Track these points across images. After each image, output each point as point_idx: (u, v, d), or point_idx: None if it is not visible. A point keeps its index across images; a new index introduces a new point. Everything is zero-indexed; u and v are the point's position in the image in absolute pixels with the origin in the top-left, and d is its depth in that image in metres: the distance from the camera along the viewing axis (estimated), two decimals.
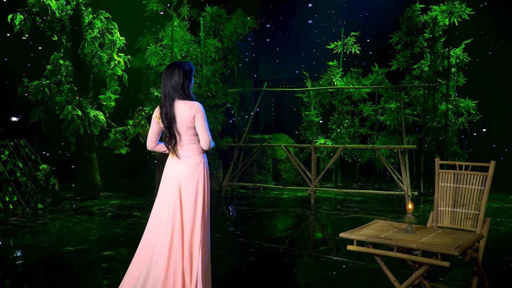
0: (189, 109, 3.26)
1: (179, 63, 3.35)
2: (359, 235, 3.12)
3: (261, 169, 9.43)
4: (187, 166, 3.31)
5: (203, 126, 3.29)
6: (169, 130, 3.30)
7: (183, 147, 3.33)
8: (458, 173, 3.81)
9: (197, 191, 3.30)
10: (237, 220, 6.99)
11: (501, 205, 7.70)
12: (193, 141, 3.33)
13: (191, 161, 3.32)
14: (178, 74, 3.29)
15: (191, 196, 3.28)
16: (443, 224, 3.81)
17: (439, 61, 8.79)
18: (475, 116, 8.58)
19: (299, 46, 12.24)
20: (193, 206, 3.27)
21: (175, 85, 3.28)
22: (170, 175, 3.34)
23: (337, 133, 9.50)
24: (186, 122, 3.27)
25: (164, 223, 3.23)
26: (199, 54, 8.75)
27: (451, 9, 8.44)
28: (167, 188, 3.32)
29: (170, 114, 3.26)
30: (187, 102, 3.27)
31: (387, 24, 9.50)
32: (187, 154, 3.33)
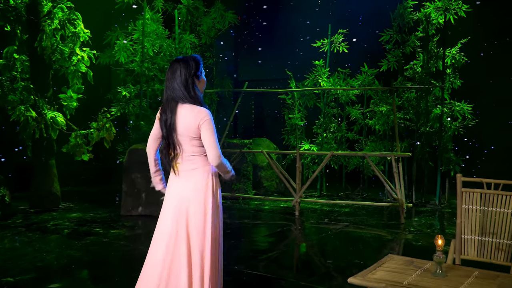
0: (193, 117, 2.73)
1: (182, 58, 2.82)
2: (374, 281, 2.35)
3: (241, 177, 8.65)
4: (193, 182, 2.81)
5: (210, 138, 2.75)
6: (167, 140, 2.81)
7: (186, 160, 2.83)
8: (486, 193, 3.11)
9: (206, 212, 2.78)
10: None
11: None
12: (198, 152, 2.83)
13: (198, 175, 2.82)
14: (180, 71, 2.76)
15: (200, 220, 2.77)
16: (469, 256, 3.09)
17: (433, 61, 8.16)
18: (471, 120, 7.97)
19: (281, 45, 11.52)
20: (202, 232, 2.77)
21: (177, 86, 2.76)
22: (174, 194, 2.84)
23: (323, 138, 8.78)
24: (189, 132, 2.76)
25: (169, 254, 2.76)
26: (173, 50, 7.93)
27: (447, 6, 7.81)
28: (170, 211, 2.82)
29: (170, 122, 2.76)
30: (193, 108, 2.76)
31: (377, 21, 8.84)
32: (192, 167, 2.82)
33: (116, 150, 7.96)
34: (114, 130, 6.81)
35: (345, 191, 9.01)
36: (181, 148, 2.82)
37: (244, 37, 12.48)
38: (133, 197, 7.03)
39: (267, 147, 9.14)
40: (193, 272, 2.74)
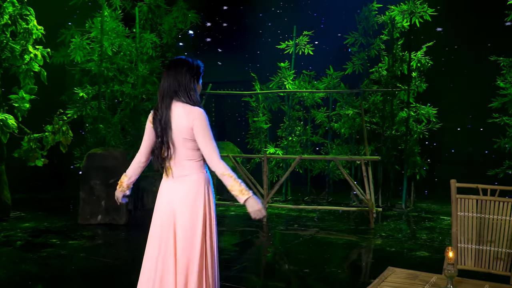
0: (185, 115, 2.60)
1: (184, 58, 2.71)
2: None
3: None
4: (184, 189, 2.65)
5: (206, 139, 2.59)
6: (161, 139, 2.64)
7: (178, 164, 2.66)
8: (482, 200, 2.97)
9: (195, 223, 2.62)
10: None
11: None
12: (192, 157, 2.66)
13: (190, 181, 2.66)
14: (181, 72, 2.66)
15: (187, 232, 2.61)
16: (466, 266, 2.94)
17: (398, 64, 8.15)
18: (435, 124, 7.99)
19: (243, 46, 11.28)
20: (190, 244, 2.60)
21: (177, 85, 2.64)
22: (163, 201, 2.69)
23: (288, 141, 8.60)
24: (182, 132, 2.61)
25: (157, 267, 2.62)
26: (133, 50, 7.53)
27: (413, 9, 7.81)
28: (158, 220, 2.69)
29: (165, 118, 2.61)
30: (186, 107, 2.61)
31: (342, 24, 8.76)
32: (184, 173, 2.66)
33: (71, 155, 7.48)
34: (72, 134, 6.36)
35: (310, 196, 8.86)
36: (175, 149, 2.65)
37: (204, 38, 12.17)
38: (92, 205, 6.60)
39: (230, 151, 8.86)
40: (178, 284, 2.59)
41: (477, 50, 8.26)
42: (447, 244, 5.72)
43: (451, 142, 8.94)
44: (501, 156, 7.74)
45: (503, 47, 7.57)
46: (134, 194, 7.27)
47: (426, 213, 7.61)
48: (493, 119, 7.49)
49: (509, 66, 7.35)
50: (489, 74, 7.66)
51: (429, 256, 5.23)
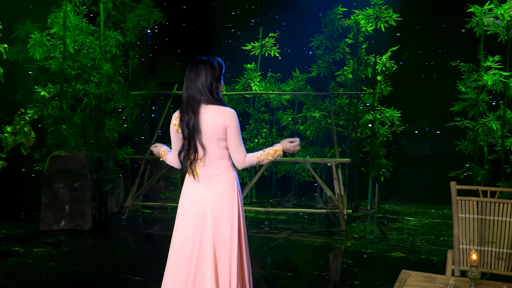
0: (221, 117, 2.64)
1: (207, 59, 2.73)
2: None
3: (169, 185, 8.13)
4: (219, 189, 2.68)
5: (238, 139, 2.68)
6: (189, 142, 2.66)
7: (208, 164, 2.69)
8: (482, 201, 3.01)
9: (233, 221, 2.66)
10: (149, 261, 5.66)
11: (430, 221, 7.29)
12: (223, 156, 2.71)
13: (223, 181, 2.69)
14: (205, 73, 2.67)
15: (227, 231, 2.65)
16: (468, 268, 2.97)
17: (363, 68, 8.27)
18: (399, 127, 8.17)
19: (202, 47, 11.11)
20: (229, 243, 2.63)
21: (201, 87, 2.66)
22: (194, 202, 2.69)
23: (254, 143, 8.54)
24: (217, 133, 2.64)
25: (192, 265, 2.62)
26: (97, 47, 7.23)
27: (378, 14, 7.95)
28: (189, 221, 2.67)
29: (193, 123, 2.63)
30: (218, 108, 2.66)
31: (308, 27, 8.80)
32: (216, 173, 2.70)
33: (30, 157, 7.07)
34: (34, 135, 6.01)
35: (276, 198, 8.84)
36: (205, 151, 2.68)
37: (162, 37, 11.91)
38: (55, 210, 6.27)
39: None
40: (220, 284, 2.61)
41: (439, 55, 8.52)
42: (419, 245, 5.84)
43: (412, 144, 9.16)
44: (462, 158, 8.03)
45: (463, 52, 7.84)
46: (97, 199, 6.99)
47: (391, 214, 7.76)
48: (455, 122, 7.74)
49: (468, 71, 7.62)
50: (450, 78, 7.92)
51: (405, 257, 5.31)
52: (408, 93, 8.53)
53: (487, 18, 7.42)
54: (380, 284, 4.37)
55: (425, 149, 9.16)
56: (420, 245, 5.82)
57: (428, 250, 5.58)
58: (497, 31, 7.23)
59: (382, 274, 4.72)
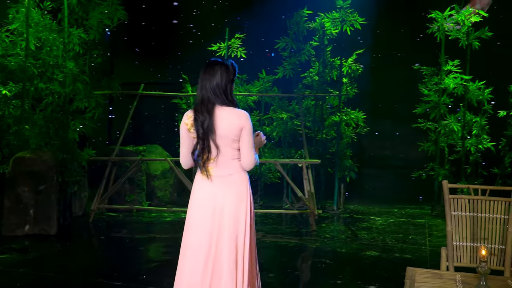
0: (236, 119, 2.70)
1: (222, 61, 2.78)
2: None
3: (134, 187, 7.94)
4: (233, 188, 2.74)
5: (250, 141, 2.74)
6: (203, 142, 2.70)
7: (221, 164, 2.74)
8: (474, 199, 3.11)
9: (246, 219, 2.73)
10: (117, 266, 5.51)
11: (395, 220, 7.48)
12: (236, 156, 2.77)
13: (236, 180, 2.76)
14: (220, 74, 2.73)
15: (241, 227, 2.72)
16: (462, 263, 3.07)
17: (328, 70, 8.39)
18: (363, 128, 8.33)
19: (162, 47, 10.94)
20: (243, 240, 2.71)
21: (216, 88, 2.71)
22: (208, 201, 2.72)
23: None
24: (232, 134, 2.70)
25: (209, 262, 2.66)
26: (61, 45, 6.97)
27: (344, 17, 8.09)
28: (205, 220, 2.71)
29: (208, 123, 2.66)
30: (234, 110, 2.73)
31: (274, 28, 8.84)
32: (229, 172, 2.75)
33: None
34: None
35: None
36: (219, 151, 2.72)
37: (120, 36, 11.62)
38: (18, 214, 5.98)
39: (159, 154, 8.55)
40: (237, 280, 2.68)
41: (403, 58, 8.77)
42: (390, 244, 5.97)
43: (375, 145, 9.37)
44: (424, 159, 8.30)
45: (426, 56, 8.11)
46: (61, 202, 6.72)
47: (357, 214, 7.90)
48: (417, 124, 8.00)
49: (430, 75, 7.90)
50: (413, 81, 8.18)
51: (379, 255, 5.42)
52: (372, 95, 8.72)
53: (448, 23, 7.71)
54: (361, 283, 4.43)
55: (387, 150, 9.39)
56: (392, 244, 5.96)
57: (400, 249, 5.71)
58: (458, 36, 7.52)
59: (361, 273, 4.78)
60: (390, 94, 8.92)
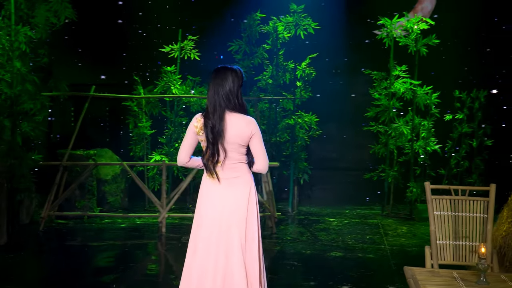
0: (245, 125, 2.83)
1: (230, 67, 2.92)
2: None
3: (85, 193, 7.62)
4: (237, 191, 2.87)
5: (262, 146, 2.89)
6: (213, 146, 2.81)
7: (228, 167, 2.87)
8: (455, 199, 3.25)
9: (253, 219, 2.89)
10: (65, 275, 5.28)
11: (349, 220, 7.66)
12: (242, 160, 2.91)
13: (243, 182, 2.89)
14: (232, 80, 2.86)
15: (249, 229, 2.85)
16: (445, 261, 3.19)
17: (281, 74, 8.47)
18: (316, 131, 8.47)
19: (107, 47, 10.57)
20: (251, 241, 2.85)
21: (229, 94, 2.83)
22: (216, 203, 2.85)
23: (175, 148, 8.33)
24: (241, 139, 2.83)
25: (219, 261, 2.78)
26: (7, 43, 6.57)
27: (298, 21, 8.20)
28: (214, 222, 2.83)
29: (218, 128, 2.78)
30: (243, 117, 2.86)
31: (228, 30, 8.82)
32: (234, 175, 2.88)
33: None
34: None
35: (194, 203, 8.69)
36: (226, 155, 2.83)
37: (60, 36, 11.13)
38: None
39: (109, 158, 8.26)
40: (249, 277, 2.81)
41: (353, 62, 8.99)
42: (351, 244, 6.11)
43: (327, 148, 9.52)
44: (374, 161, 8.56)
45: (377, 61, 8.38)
46: (9, 210, 6.33)
47: (312, 216, 8.01)
48: (369, 127, 8.24)
49: (379, 79, 8.17)
50: (365, 86, 8.43)
51: (344, 255, 5.53)
52: (324, 99, 8.87)
53: (396, 30, 8.02)
54: (333, 283, 4.50)
55: (336, 152, 9.56)
56: (352, 244, 6.09)
57: (361, 249, 5.86)
58: (407, 42, 7.83)
59: (331, 273, 4.85)
60: (341, 98, 9.12)
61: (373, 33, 9.06)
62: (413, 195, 7.77)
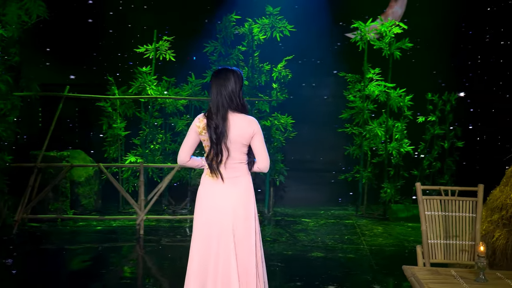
0: (248, 125, 2.92)
1: (232, 69, 2.98)
2: None
3: (58, 195, 7.44)
4: (240, 189, 2.94)
5: (263, 145, 2.98)
6: (216, 146, 2.85)
7: (230, 167, 2.93)
8: (445, 199, 3.35)
9: (254, 218, 3.00)
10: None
11: (326, 221, 7.75)
12: (243, 159, 2.97)
13: (243, 182, 2.96)
14: (234, 81, 2.91)
15: (250, 226, 2.95)
16: (437, 260, 3.28)
17: (257, 75, 8.50)
18: (291, 133, 8.52)
19: (76, 47, 10.34)
20: (248, 241, 2.93)
21: (231, 94, 2.89)
22: (218, 203, 2.92)
23: (150, 149, 8.23)
24: (243, 139, 2.91)
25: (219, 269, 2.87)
26: None
27: (274, 23, 8.25)
28: (214, 220, 2.90)
29: (221, 129, 2.84)
30: (245, 117, 2.95)
31: (204, 31, 8.78)
32: (235, 175, 2.94)
33: None
34: None
35: (170, 205, 8.62)
36: (229, 155, 2.90)
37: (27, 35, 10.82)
38: None
39: (82, 160, 8.10)
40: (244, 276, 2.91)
41: (328, 65, 9.09)
42: (330, 244, 6.19)
43: (300, 149, 9.58)
44: (347, 162, 8.70)
45: (349, 63, 8.53)
46: None
47: (288, 217, 8.07)
48: (343, 128, 8.37)
49: (354, 82, 8.31)
50: (339, 87, 8.55)
51: (325, 256, 5.60)
52: (299, 101, 8.94)
53: (370, 34, 8.18)
54: (319, 283, 4.56)
55: (309, 154, 9.63)
56: (332, 244, 6.17)
57: (341, 249, 5.94)
58: (382, 46, 7.99)
59: (316, 274, 4.90)
60: (316, 100, 9.23)
61: (346, 36, 9.22)
62: (387, 196, 7.93)
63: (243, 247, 2.91)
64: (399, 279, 4.69)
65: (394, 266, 5.16)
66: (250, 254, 2.93)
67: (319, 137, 9.28)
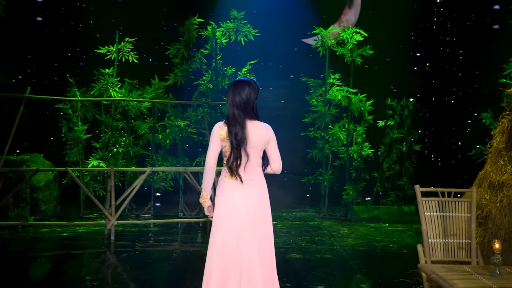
0: (264, 131, 3.17)
1: (248, 80, 3.21)
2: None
3: (19, 201, 7.11)
4: (257, 191, 3.19)
5: (277, 149, 3.25)
6: (237, 150, 3.10)
7: (248, 170, 3.16)
8: (442, 201, 3.56)
9: (269, 217, 3.24)
10: None
11: (291, 223, 7.90)
12: (259, 163, 3.22)
13: (259, 184, 3.20)
14: (248, 92, 3.14)
15: (266, 225, 3.21)
16: (437, 258, 3.48)
17: (220, 79, 8.53)
18: None
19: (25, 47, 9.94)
20: (268, 237, 3.20)
21: (247, 104, 3.13)
22: (237, 203, 3.14)
23: (113, 153, 8.04)
24: (261, 144, 3.17)
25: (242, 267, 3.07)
26: None
27: (239, 27, 8.32)
28: (235, 219, 3.11)
29: (241, 136, 3.09)
30: (261, 124, 3.20)
31: (168, 33, 8.70)
32: (252, 177, 3.18)
33: None
34: None
35: (132, 210, 8.46)
36: (249, 158, 3.13)
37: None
38: None
39: (41, 164, 7.78)
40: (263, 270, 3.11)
41: (290, 69, 9.27)
42: (304, 246, 6.32)
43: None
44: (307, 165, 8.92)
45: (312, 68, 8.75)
46: None
47: None
48: (306, 132, 8.57)
49: (315, 87, 8.54)
50: (302, 92, 8.75)
51: (303, 257, 5.72)
52: (264, 105, 9.06)
53: (330, 40, 8.44)
54: (308, 284, 4.66)
55: None
56: (305, 246, 6.31)
57: (316, 250, 6.09)
58: (343, 52, 8.27)
59: (300, 275, 5.00)
60: (279, 104, 9.39)
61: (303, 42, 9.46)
62: (349, 197, 8.21)
63: (261, 242, 3.13)
64: (382, 278, 4.89)
65: (372, 266, 5.38)
66: (268, 247, 3.18)
67: (282, 141, 9.43)
